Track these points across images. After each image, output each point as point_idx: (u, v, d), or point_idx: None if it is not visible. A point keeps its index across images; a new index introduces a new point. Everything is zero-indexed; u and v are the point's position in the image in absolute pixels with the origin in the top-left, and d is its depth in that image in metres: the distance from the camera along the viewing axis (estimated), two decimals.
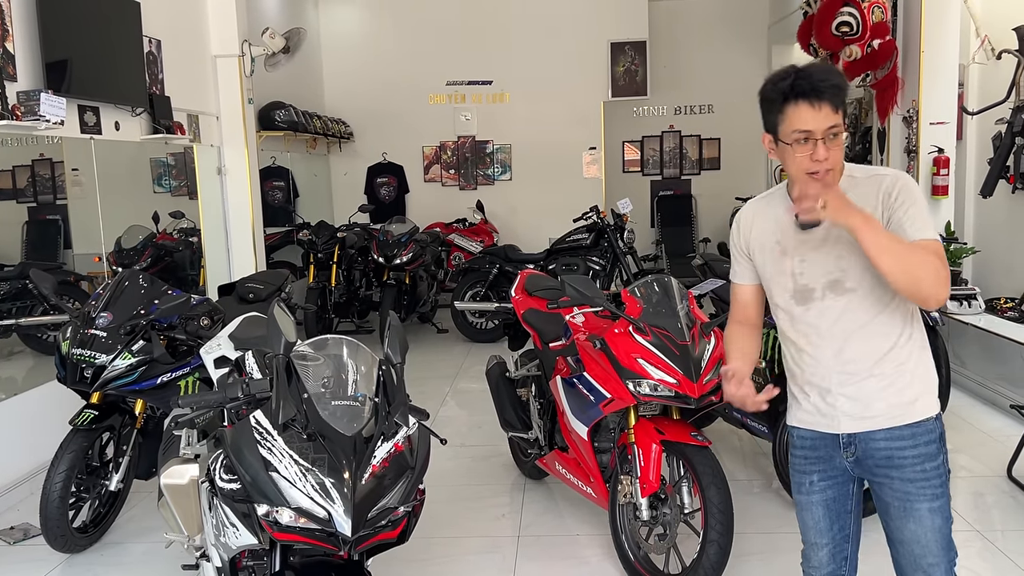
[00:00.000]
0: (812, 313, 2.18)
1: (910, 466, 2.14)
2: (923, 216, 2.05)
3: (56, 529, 3.65)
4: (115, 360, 3.71)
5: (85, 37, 4.99)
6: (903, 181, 2.09)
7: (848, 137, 9.02)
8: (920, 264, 1.97)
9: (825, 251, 2.14)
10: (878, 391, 2.14)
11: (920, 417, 2.15)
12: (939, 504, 2.14)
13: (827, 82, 2.03)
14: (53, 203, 5.54)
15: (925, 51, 6.76)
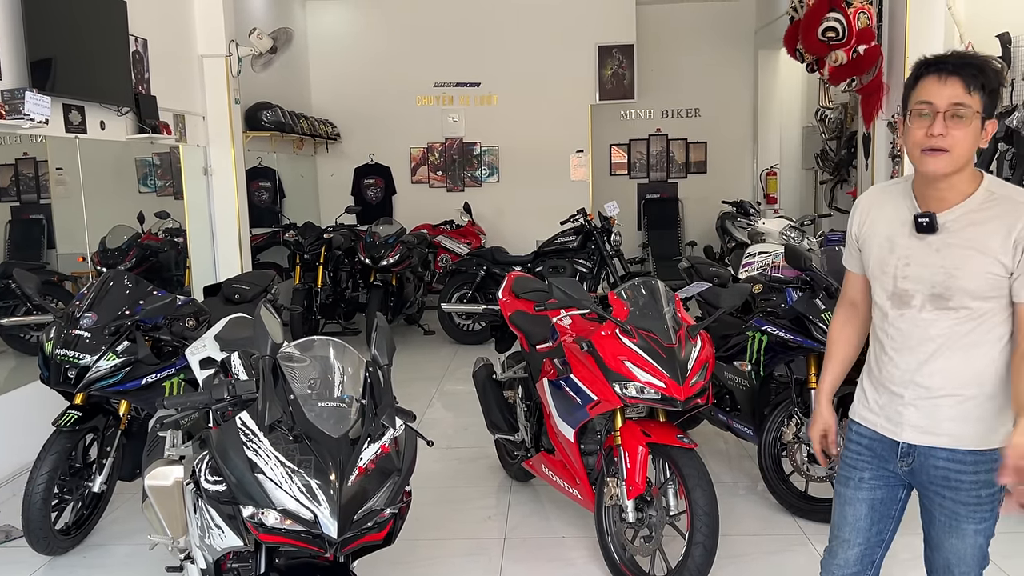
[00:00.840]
0: (906, 320, 2.10)
1: (967, 490, 2.09)
2: None
3: (38, 531, 3.61)
4: (99, 361, 3.68)
5: (70, 36, 4.96)
6: None
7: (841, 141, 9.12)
8: None
9: (936, 262, 2.04)
10: (952, 412, 2.07)
11: (988, 447, 2.06)
12: (986, 526, 2.12)
13: (964, 61, 1.98)
14: (37, 202, 5.50)
15: (910, 57, 6.81)
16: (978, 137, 1.99)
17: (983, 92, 1.96)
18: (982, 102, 1.97)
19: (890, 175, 7.16)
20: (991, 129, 2.02)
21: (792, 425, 4.08)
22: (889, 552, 2.28)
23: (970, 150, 1.99)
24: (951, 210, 2.03)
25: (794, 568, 3.61)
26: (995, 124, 2.03)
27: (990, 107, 2.00)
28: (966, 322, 2.03)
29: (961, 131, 1.96)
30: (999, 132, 6.57)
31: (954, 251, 2.01)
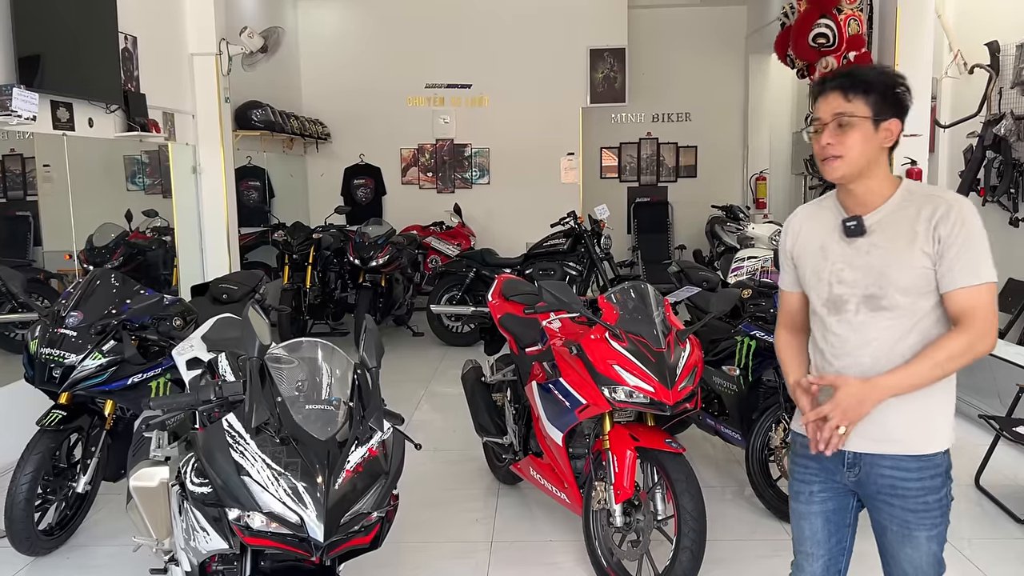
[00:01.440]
0: (843, 325, 2.13)
1: (913, 497, 2.11)
2: (976, 256, 2.00)
3: (21, 531, 3.58)
4: (85, 360, 3.66)
5: (59, 32, 4.92)
6: (959, 214, 2.01)
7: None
8: (955, 361, 2.02)
9: (867, 263, 2.09)
10: (896, 418, 2.09)
11: (930, 451, 2.11)
12: (937, 532, 2.14)
13: (842, 73, 2.10)
14: (23, 199, 5.45)
15: (900, 64, 6.84)
16: (872, 138, 2.07)
17: (867, 96, 2.06)
18: (868, 105, 2.06)
19: None
20: (894, 128, 2.09)
21: (780, 430, 4.09)
22: (861, 557, 2.29)
23: (864, 152, 2.07)
24: (875, 212, 2.10)
25: (781, 573, 3.60)
26: (897, 123, 2.09)
27: (883, 108, 2.07)
28: (900, 320, 2.06)
29: (849, 137, 2.06)
30: (987, 140, 6.62)
31: (882, 250, 2.07)
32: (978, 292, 2.00)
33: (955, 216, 2.01)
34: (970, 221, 2.01)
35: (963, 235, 2.00)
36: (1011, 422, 4.30)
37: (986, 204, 7.01)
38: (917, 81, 6.85)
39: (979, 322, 2.00)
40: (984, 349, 2.02)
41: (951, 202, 2.04)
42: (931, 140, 7.38)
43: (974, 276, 2.00)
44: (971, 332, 2.00)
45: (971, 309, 2.00)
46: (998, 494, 4.28)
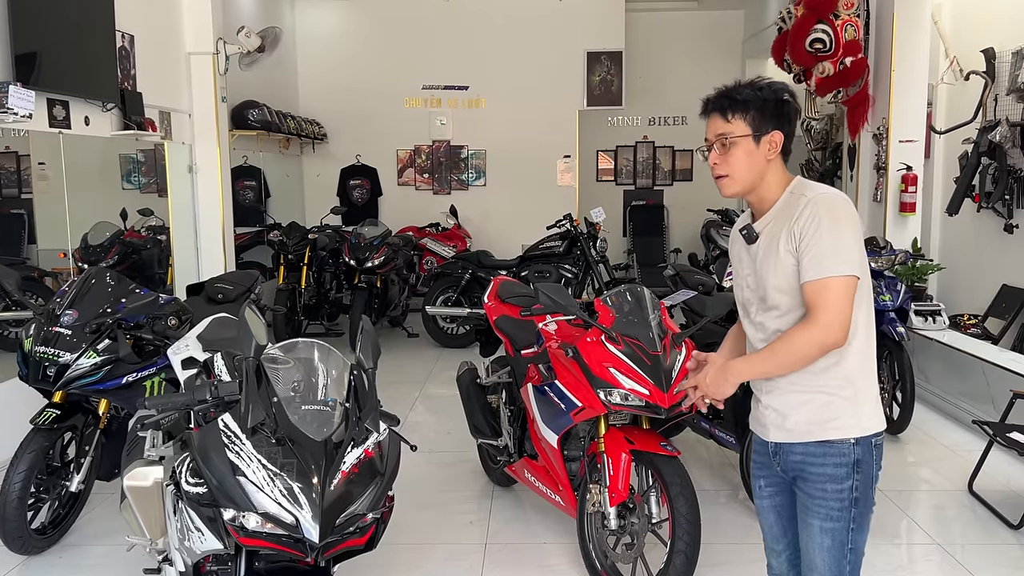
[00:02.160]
0: (750, 325, 2.28)
1: (813, 481, 2.18)
2: (822, 250, 2.05)
3: (14, 530, 3.57)
4: (79, 359, 3.64)
5: (56, 30, 4.91)
6: (813, 209, 2.08)
7: (820, 152, 9.18)
8: (796, 352, 2.08)
9: (755, 268, 2.22)
10: (798, 405, 2.18)
11: (833, 437, 2.15)
12: (832, 526, 2.16)
13: (720, 94, 2.20)
14: (18, 197, 5.43)
15: (896, 70, 6.88)
16: (753, 155, 2.17)
17: (745, 114, 2.16)
18: (747, 123, 2.16)
19: (875, 186, 7.23)
20: (777, 139, 2.17)
21: None
22: (865, 560, 2.29)
23: (750, 167, 2.18)
24: (763, 219, 2.22)
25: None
26: (779, 135, 2.17)
27: (762, 122, 2.16)
28: (788, 316, 2.15)
29: (732, 155, 2.18)
30: (982, 146, 6.64)
31: (762, 254, 2.19)
32: (822, 285, 2.04)
33: (808, 212, 2.08)
34: (822, 215, 2.06)
35: (812, 229, 2.06)
36: (1004, 428, 4.31)
37: (981, 210, 7.04)
38: (914, 87, 6.93)
39: (821, 315, 2.04)
40: (831, 342, 2.06)
41: (809, 198, 2.10)
42: (926, 146, 7.41)
43: (819, 270, 2.05)
44: (814, 325, 2.05)
45: (815, 302, 2.05)
46: (991, 499, 4.30)
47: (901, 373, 5.24)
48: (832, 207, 2.08)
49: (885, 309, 5.35)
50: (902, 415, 5.25)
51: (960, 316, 6.83)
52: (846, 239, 2.06)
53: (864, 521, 2.19)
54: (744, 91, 2.18)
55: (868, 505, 2.19)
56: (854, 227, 2.10)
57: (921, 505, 4.45)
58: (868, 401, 2.18)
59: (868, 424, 2.17)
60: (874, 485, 2.19)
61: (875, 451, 2.18)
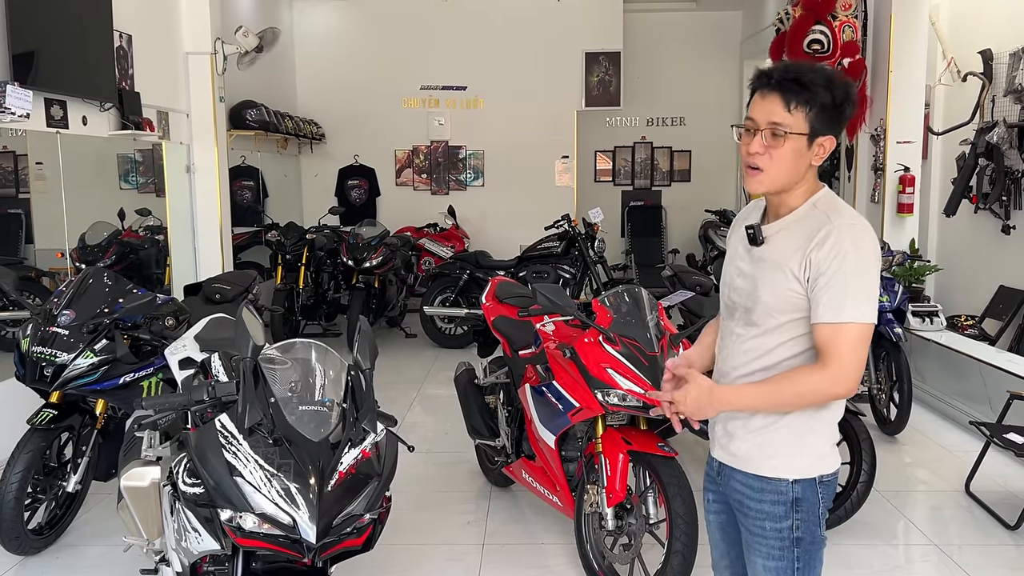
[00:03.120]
0: (727, 331, 2.09)
1: (752, 517, 2.02)
2: (842, 291, 1.83)
3: (11, 531, 3.56)
4: (76, 359, 3.64)
5: (54, 29, 4.90)
6: (837, 243, 1.85)
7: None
8: (800, 397, 1.89)
9: (750, 274, 2.00)
10: (743, 433, 2.02)
11: (771, 475, 1.98)
12: (775, 564, 2.00)
13: (789, 75, 1.90)
14: (15, 197, 5.43)
15: (893, 71, 6.89)
16: (801, 157, 1.91)
17: (808, 108, 1.88)
18: (807, 119, 1.88)
19: (872, 187, 7.23)
20: (828, 145, 1.92)
21: None
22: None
23: (788, 171, 1.91)
24: (775, 224, 1.98)
25: None
26: (832, 140, 1.92)
27: (823, 123, 1.89)
28: (766, 338, 1.97)
29: (780, 150, 1.90)
30: (980, 147, 6.65)
31: (763, 264, 1.96)
32: (838, 331, 1.84)
33: (831, 244, 1.85)
34: (847, 252, 1.84)
35: (835, 266, 1.84)
36: (1001, 428, 4.32)
37: (978, 212, 7.05)
38: (911, 88, 6.94)
39: (834, 363, 1.84)
40: (839, 392, 1.87)
41: (835, 227, 1.87)
42: (924, 147, 7.42)
43: (836, 313, 1.84)
44: (825, 372, 1.85)
45: (829, 348, 1.85)
46: (988, 500, 4.30)
47: (898, 374, 5.25)
48: (860, 243, 1.85)
49: (883, 310, 5.35)
50: (899, 416, 5.25)
51: (957, 317, 6.84)
52: (870, 281, 1.85)
53: (812, 559, 2.01)
54: (816, 80, 1.88)
55: (815, 544, 2.01)
56: (877, 266, 1.89)
57: (918, 506, 4.46)
58: (817, 443, 1.99)
59: (811, 467, 1.98)
60: (821, 522, 2.02)
61: (821, 489, 1.99)
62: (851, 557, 3.76)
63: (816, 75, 1.89)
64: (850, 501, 3.86)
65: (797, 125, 1.89)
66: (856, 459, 3.89)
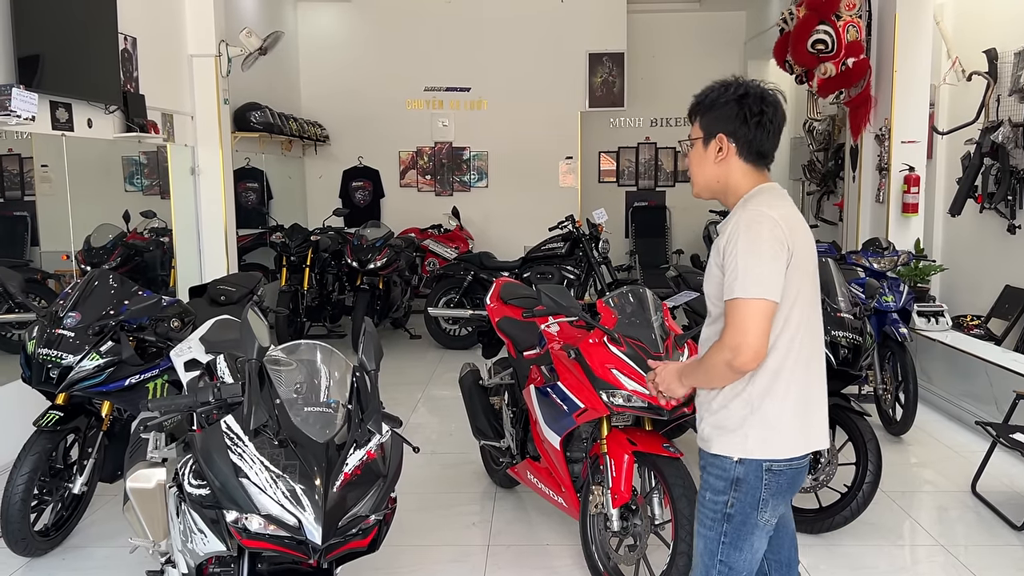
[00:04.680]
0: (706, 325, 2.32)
1: (702, 488, 2.26)
2: (733, 272, 2.06)
3: (17, 532, 3.57)
4: (82, 361, 3.64)
5: (59, 32, 4.92)
6: (733, 231, 2.09)
7: (822, 153, 9.17)
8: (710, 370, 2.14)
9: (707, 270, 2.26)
10: (706, 415, 2.25)
11: (715, 452, 2.20)
12: (705, 532, 2.23)
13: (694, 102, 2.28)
14: (21, 199, 5.44)
15: (898, 71, 6.88)
16: (704, 157, 2.23)
17: (699, 116, 2.24)
18: (700, 126, 2.24)
19: (877, 187, 7.22)
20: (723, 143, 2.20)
21: None
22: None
23: (702, 171, 2.25)
24: (722, 223, 2.24)
25: None
26: (723, 138, 2.20)
27: (711, 125, 2.22)
28: (714, 324, 2.23)
29: (691, 158, 2.27)
30: (985, 147, 6.63)
31: (709, 260, 2.23)
32: (732, 305, 2.05)
33: (729, 232, 2.11)
34: (740, 234, 2.07)
35: (731, 248, 2.08)
36: (1008, 428, 4.31)
37: (983, 211, 7.03)
38: (916, 87, 6.93)
39: (727, 335, 2.05)
40: (737, 364, 2.05)
41: (734, 219, 2.14)
42: (929, 146, 7.40)
43: (730, 290, 2.06)
44: (721, 344, 2.08)
45: (727, 322, 2.07)
46: (994, 500, 4.29)
47: (904, 374, 5.24)
48: (751, 226, 2.07)
49: (888, 310, 5.35)
50: (905, 416, 5.24)
51: (963, 317, 6.82)
52: (763, 261, 2.04)
53: (741, 541, 2.18)
54: (700, 93, 2.25)
55: (747, 526, 2.17)
56: (775, 249, 2.05)
57: (924, 506, 4.45)
58: (766, 425, 2.14)
59: (757, 448, 2.14)
60: (759, 508, 2.16)
61: (767, 476, 2.14)
62: (857, 558, 3.76)
63: (705, 89, 2.26)
64: (856, 501, 3.85)
65: (695, 132, 2.26)
66: (861, 459, 3.88)
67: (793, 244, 2.09)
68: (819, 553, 3.78)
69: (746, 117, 2.17)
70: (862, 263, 5.90)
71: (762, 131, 2.18)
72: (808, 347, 2.18)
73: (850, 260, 5.98)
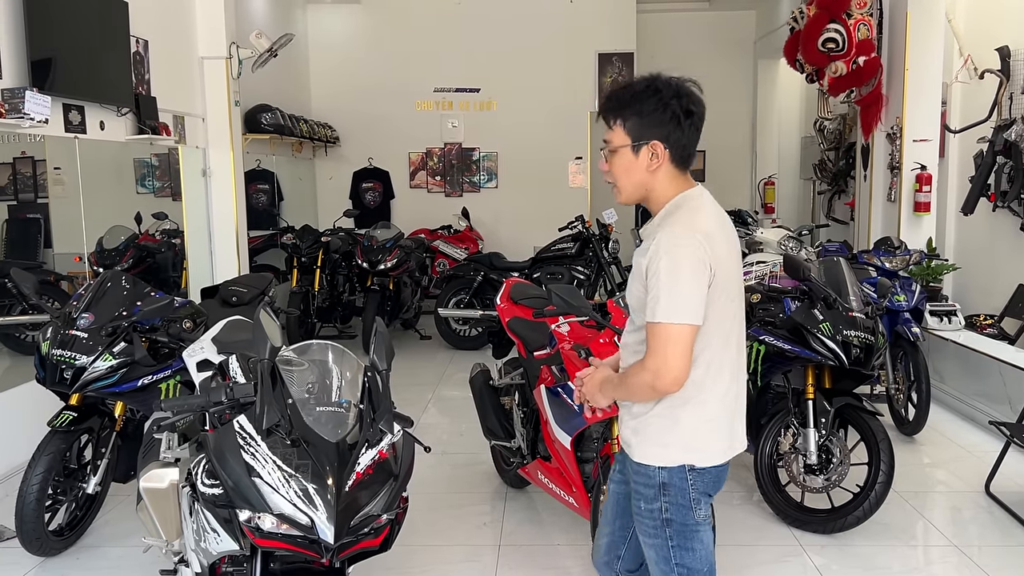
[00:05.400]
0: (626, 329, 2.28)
1: (635, 499, 2.21)
2: (655, 295, 2.00)
3: (32, 532, 3.60)
4: (96, 362, 3.67)
5: (72, 36, 4.95)
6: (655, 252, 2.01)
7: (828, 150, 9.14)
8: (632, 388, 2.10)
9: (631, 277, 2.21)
10: (627, 419, 2.22)
11: (642, 460, 2.16)
12: (652, 542, 2.18)
13: (607, 97, 2.13)
14: (34, 202, 5.48)
15: (909, 69, 6.84)
16: (635, 164, 2.08)
17: (624, 121, 2.07)
18: (625, 132, 2.07)
19: (889, 186, 7.19)
20: (658, 149, 2.07)
21: (789, 435, 4.08)
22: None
23: (629, 179, 2.11)
24: (645, 227, 2.16)
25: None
26: (659, 145, 2.06)
27: (641, 131, 2.06)
28: (636, 333, 2.17)
29: (614, 165, 2.11)
30: (997, 145, 6.59)
31: (637, 272, 2.11)
32: (653, 329, 2.01)
33: (651, 253, 2.02)
34: (662, 256, 1.99)
35: (653, 269, 2.01)
36: (1021, 428, 4.28)
37: (996, 210, 6.99)
38: (927, 86, 6.90)
39: (650, 359, 2.02)
40: (660, 386, 2.02)
41: (657, 238, 2.03)
42: (941, 145, 7.36)
43: (652, 313, 2.01)
44: (644, 367, 2.04)
45: (649, 345, 2.03)
46: (1008, 501, 4.26)
47: (916, 374, 5.21)
48: (673, 249, 1.99)
49: (900, 309, 5.32)
50: (917, 416, 5.21)
51: (976, 316, 6.78)
52: (684, 284, 1.98)
53: (687, 541, 2.15)
54: (623, 95, 2.09)
55: (688, 527, 2.14)
56: (695, 269, 1.99)
57: (937, 506, 4.43)
58: (683, 435, 2.12)
59: (677, 456, 2.12)
60: (694, 509, 2.15)
61: (691, 476, 2.13)
62: (870, 558, 3.74)
63: (624, 90, 2.10)
64: (868, 502, 3.83)
65: (618, 138, 2.09)
66: (874, 460, 3.86)
67: (716, 263, 2.02)
68: (832, 553, 3.77)
69: (680, 120, 2.07)
70: (874, 262, 5.88)
71: (695, 133, 2.11)
72: (731, 360, 2.15)
73: (862, 259, 5.96)
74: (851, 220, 8.48)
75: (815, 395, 4.00)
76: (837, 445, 3.97)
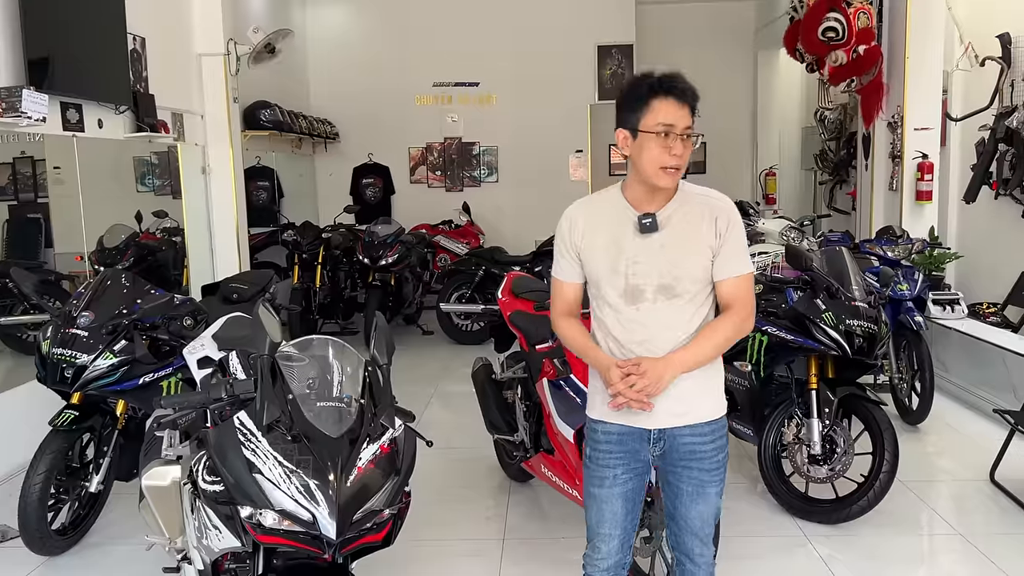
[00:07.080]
0: (643, 312, 2.28)
1: (709, 458, 2.34)
2: (742, 250, 2.30)
3: (35, 531, 3.60)
4: (96, 360, 3.66)
5: (68, 33, 4.94)
6: (734, 214, 2.30)
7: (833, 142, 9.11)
8: (724, 338, 2.29)
9: (661, 257, 2.26)
10: (693, 391, 2.30)
11: (718, 415, 2.35)
12: (717, 488, 2.39)
13: (691, 89, 2.28)
14: (34, 201, 5.48)
15: (910, 57, 6.82)
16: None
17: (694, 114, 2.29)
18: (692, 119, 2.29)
19: (890, 175, 7.17)
20: None
21: (792, 426, 4.07)
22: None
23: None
24: (663, 209, 2.29)
25: (794, 569, 3.60)
26: None
27: None
28: (689, 305, 2.28)
29: (688, 151, 2.25)
30: (999, 133, 6.57)
31: (676, 245, 2.26)
32: (743, 281, 2.29)
33: (731, 217, 2.28)
34: (736, 221, 2.29)
35: (734, 233, 2.27)
36: None
37: (999, 198, 6.96)
38: (928, 74, 6.87)
39: (744, 307, 2.28)
40: (748, 329, 2.31)
41: (726, 205, 2.31)
42: (942, 133, 7.34)
43: (741, 267, 2.28)
44: (739, 315, 2.27)
45: (738, 296, 2.28)
46: (1013, 489, 4.25)
47: (920, 363, 5.20)
48: (737, 212, 2.33)
49: (903, 298, 5.30)
50: (921, 405, 5.20)
51: (979, 304, 6.76)
52: (746, 241, 2.35)
53: None
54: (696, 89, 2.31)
55: None
56: None
57: (942, 495, 4.42)
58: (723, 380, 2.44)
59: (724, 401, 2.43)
60: None
61: None
62: (875, 547, 3.73)
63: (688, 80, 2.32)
64: (873, 491, 3.82)
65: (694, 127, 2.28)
66: (878, 449, 3.85)
67: None
68: (837, 543, 3.76)
69: None
70: (876, 251, 5.86)
71: None
72: None
73: (864, 249, 5.94)
74: (853, 210, 8.45)
75: (818, 385, 3.99)
76: (841, 435, 3.96)
